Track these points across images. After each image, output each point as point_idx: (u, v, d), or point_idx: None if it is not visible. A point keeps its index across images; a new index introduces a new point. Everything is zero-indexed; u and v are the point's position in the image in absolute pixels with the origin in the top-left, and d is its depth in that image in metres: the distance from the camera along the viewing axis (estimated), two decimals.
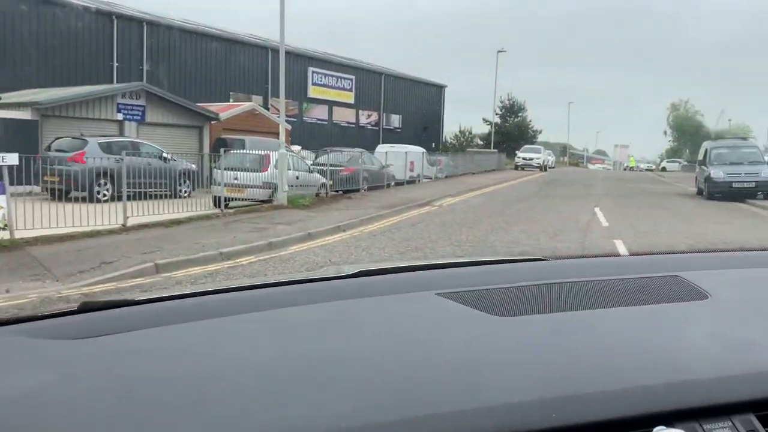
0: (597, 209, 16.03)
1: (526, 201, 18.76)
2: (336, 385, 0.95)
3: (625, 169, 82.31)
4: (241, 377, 0.98)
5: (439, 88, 59.40)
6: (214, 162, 16.22)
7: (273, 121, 34.08)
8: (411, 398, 0.90)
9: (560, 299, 1.32)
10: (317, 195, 18.20)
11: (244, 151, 17.58)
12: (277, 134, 33.40)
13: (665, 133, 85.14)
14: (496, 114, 61.88)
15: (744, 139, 22.66)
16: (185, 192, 16.76)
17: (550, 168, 51.17)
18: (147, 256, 8.64)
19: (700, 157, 23.50)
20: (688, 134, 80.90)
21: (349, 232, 11.93)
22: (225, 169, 15.48)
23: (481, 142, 59.02)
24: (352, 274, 1.57)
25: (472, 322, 1.19)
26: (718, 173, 20.46)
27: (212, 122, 25.60)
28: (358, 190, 20.77)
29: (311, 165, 19.98)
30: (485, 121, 62.91)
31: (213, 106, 27.00)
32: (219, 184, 15.08)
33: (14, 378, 1.01)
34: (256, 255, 9.40)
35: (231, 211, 14.37)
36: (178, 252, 9.06)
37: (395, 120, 52.90)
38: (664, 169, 67.47)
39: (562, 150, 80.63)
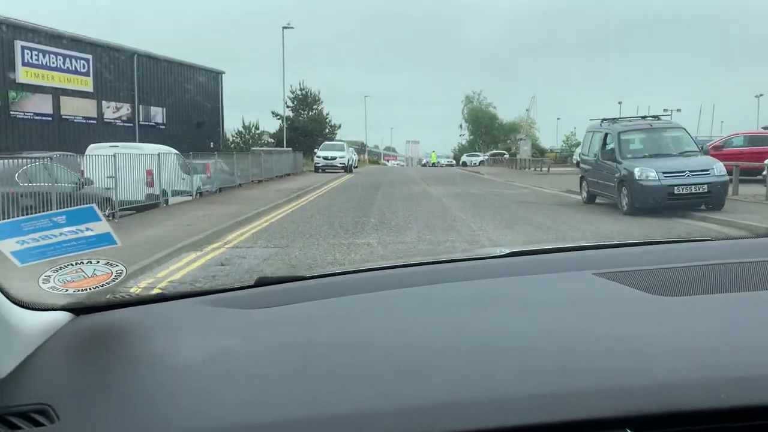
0: None
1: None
2: (495, 357, 0.95)
3: (424, 165, 78.84)
4: (404, 345, 1.02)
5: (216, 75, 48.31)
6: None
7: None
8: (575, 372, 0.89)
9: (729, 280, 1.23)
10: None
11: None
12: None
13: (461, 126, 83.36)
14: (288, 106, 52.56)
15: (656, 117, 15.29)
16: None
17: (354, 168, 43.62)
18: None
19: (592, 147, 15.23)
20: (483, 126, 79.49)
21: None
22: None
23: (272, 140, 49.42)
24: (504, 254, 1.57)
25: (634, 302, 1.15)
26: (647, 173, 12.43)
27: None
28: None
29: None
30: (275, 114, 53.16)
31: None
32: None
33: (206, 340, 1.10)
34: None
35: None
36: None
37: (157, 114, 40.81)
38: (464, 164, 63.77)
39: (360, 148, 74.91)
